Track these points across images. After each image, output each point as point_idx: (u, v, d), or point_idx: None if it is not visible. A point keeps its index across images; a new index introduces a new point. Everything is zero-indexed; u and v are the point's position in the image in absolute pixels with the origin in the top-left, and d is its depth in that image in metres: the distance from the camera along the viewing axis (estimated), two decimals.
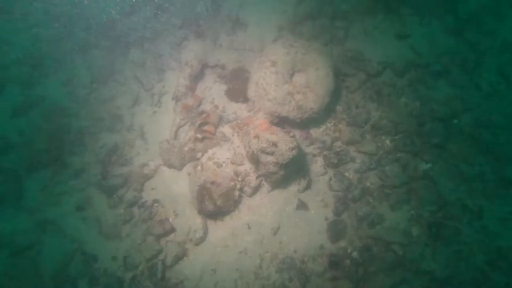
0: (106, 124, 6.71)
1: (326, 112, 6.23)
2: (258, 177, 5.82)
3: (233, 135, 6.19)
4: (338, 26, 6.82)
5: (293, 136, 5.62)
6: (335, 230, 5.80)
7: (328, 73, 5.90)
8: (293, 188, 6.01)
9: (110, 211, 6.13)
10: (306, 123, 6.10)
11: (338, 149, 6.24)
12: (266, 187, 5.99)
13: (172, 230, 5.83)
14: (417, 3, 6.73)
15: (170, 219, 5.92)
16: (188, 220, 5.85)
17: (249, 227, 5.81)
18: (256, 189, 5.92)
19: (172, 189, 6.09)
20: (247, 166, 5.82)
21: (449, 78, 6.38)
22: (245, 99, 6.23)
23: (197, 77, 6.46)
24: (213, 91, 6.55)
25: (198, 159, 6.05)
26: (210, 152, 6.02)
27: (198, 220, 5.80)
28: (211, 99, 6.46)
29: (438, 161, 5.95)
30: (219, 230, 5.83)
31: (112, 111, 6.78)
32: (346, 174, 6.18)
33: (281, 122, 5.95)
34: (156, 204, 6.05)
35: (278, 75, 5.72)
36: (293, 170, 5.89)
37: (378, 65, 6.50)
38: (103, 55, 7.13)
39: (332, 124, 6.41)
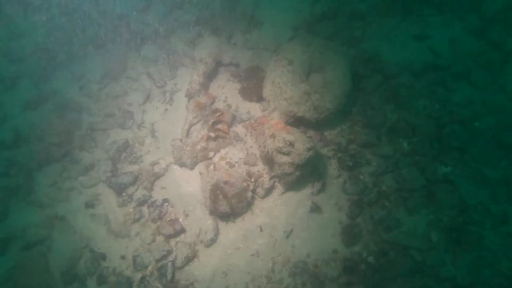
0: (117, 120, 6.63)
1: (341, 114, 6.10)
2: (271, 178, 5.69)
3: (246, 135, 6.09)
4: (355, 26, 6.69)
5: (310, 137, 5.48)
6: (350, 234, 5.64)
7: (345, 74, 5.77)
8: (307, 190, 5.87)
9: (119, 209, 6.04)
10: (321, 124, 5.96)
11: (353, 152, 6.08)
12: (279, 188, 5.86)
13: (182, 230, 5.71)
14: (438, 2, 6.56)
15: (180, 220, 5.80)
16: (199, 221, 5.74)
17: (261, 230, 5.68)
18: (269, 191, 5.79)
19: (183, 189, 5.98)
20: (260, 167, 5.71)
21: (470, 79, 6.19)
22: (259, 99, 6.12)
23: (210, 75, 6.36)
24: (226, 90, 6.44)
25: (211, 158, 5.95)
26: (222, 151, 5.92)
27: (209, 221, 5.68)
28: (224, 98, 6.36)
29: (458, 164, 5.74)
30: (230, 232, 5.70)
31: (123, 107, 6.71)
32: (361, 177, 6.00)
33: (296, 122, 5.81)
34: (166, 204, 5.94)
35: (295, 74, 5.59)
36: (308, 172, 5.74)
37: (395, 66, 6.35)
38: (116, 50, 7.06)
39: (347, 126, 6.26)
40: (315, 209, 5.80)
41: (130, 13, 7.14)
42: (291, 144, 5.03)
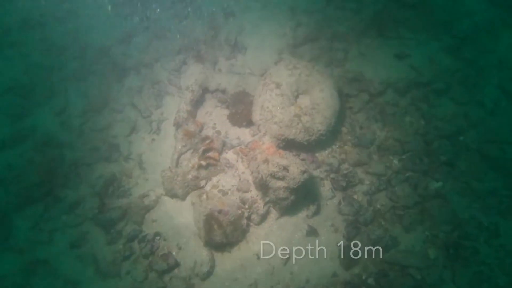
0: (102, 154, 6.42)
1: (331, 134, 6.14)
2: (266, 203, 5.60)
3: (237, 161, 6.02)
4: (337, 48, 6.88)
5: (303, 159, 5.46)
6: (348, 256, 5.56)
7: (333, 94, 5.86)
8: (302, 214, 5.80)
9: (108, 247, 5.75)
10: (311, 146, 5.98)
11: (345, 171, 6.10)
12: (274, 214, 5.77)
13: (176, 264, 5.47)
14: (413, 24, 6.87)
15: (174, 253, 5.57)
16: (193, 253, 5.52)
17: (258, 258, 5.52)
18: (264, 217, 5.68)
19: (175, 221, 5.78)
20: (253, 193, 5.62)
21: (451, 95, 6.43)
22: (249, 124, 6.10)
23: (198, 102, 6.32)
24: (214, 116, 6.40)
25: (202, 187, 5.81)
26: (214, 179, 5.82)
27: (204, 253, 5.48)
28: (213, 125, 6.29)
29: (448, 179, 5.87)
30: (227, 262, 5.51)
31: (108, 140, 6.53)
32: (355, 196, 6.02)
33: (287, 145, 5.81)
34: (158, 238, 5.70)
35: (284, 97, 5.63)
36: (302, 195, 5.69)
37: (380, 85, 6.53)
38: (97, 83, 6.93)
39: (337, 146, 6.31)
40: (312, 232, 5.71)
41: (111, 44, 7.08)
42: (285, 169, 4.99)
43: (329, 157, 6.19)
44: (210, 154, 5.70)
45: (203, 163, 5.64)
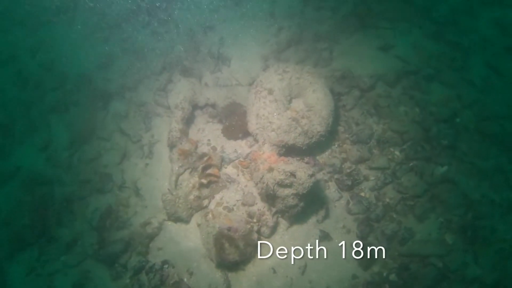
0: (95, 185, 6.15)
1: (328, 134, 6.05)
2: (274, 214, 5.42)
3: (238, 175, 5.85)
4: (321, 48, 6.85)
5: (308, 163, 5.33)
6: (365, 256, 5.42)
7: (326, 93, 5.79)
8: (312, 220, 5.66)
9: (114, 284, 5.46)
10: (311, 149, 5.86)
11: (349, 170, 6.00)
12: (283, 223, 5.60)
13: None
14: (392, 15, 6.92)
15: (185, 279, 5.32)
16: (206, 276, 5.29)
17: (274, 271, 5.32)
18: (274, 228, 5.50)
19: (182, 245, 5.54)
20: (259, 205, 5.45)
21: (441, 79, 6.47)
22: (245, 135, 5.95)
23: (188, 120, 6.13)
24: (207, 132, 6.22)
25: (206, 206, 5.60)
26: (217, 197, 5.62)
27: (217, 275, 5.25)
28: (207, 141, 6.10)
29: (453, 162, 5.84)
30: (243, 281, 5.29)
31: (99, 171, 6.25)
32: (362, 194, 5.92)
33: (288, 151, 5.67)
34: (166, 266, 5.44)
35: (278, 102, 5.52)
36: (309, 200, 5.54)
37: (369, 79, 6.50)
38: (81, 112, 6.66)
39: (336, 146, 6.23)
40: (324, 237, 5.57)
41: (90, 70, 6.85)
42: (292, 174, 4.84)
43: (330, 158, 6.09)
44: (210, 171, 5.50)
45: (204, 181, 5.44)
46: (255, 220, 5.36)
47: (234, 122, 5.86)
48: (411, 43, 6.74)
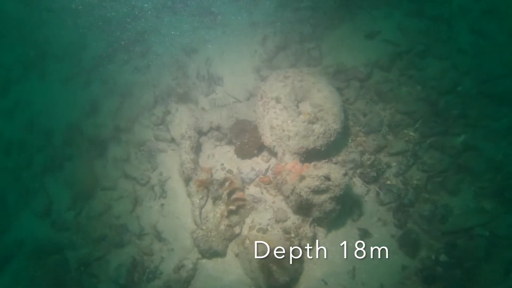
0: (111, 240, 5.72)
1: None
2: (311, 224, 5.20)
3: (262, 193, 5.61)
4: (309, 47, 6.80)
5: (336, 163, 5.16)
6: (409, 243, 5.30)
7: (331, 90, 5.70)
8: (347, 220, 5.54)
9: None
10: (329, 149, 5.72)
11: (369, 162, 5.91)
12: (321, 231, 5.41)
13: None
14: (369, 2, 7.00)
15: None
16: None
17: (325, 283, 5.09)
18: (313, 238, 5.28)
19: (224, 281, 5.19)
20: (293, 218, 5.24)
21: (433, 53, 6.56)
22: (259, 150, 5.73)
23: (196, 149, 5.82)
24: (218, 157, 5.97)
25: (239, 234, 5.29)
26: (248, 221, 5.36)
27: None
28: (220, 165, 5.84)
29: (468, 130, 5.87)
30: None
31: (112, 224, 5.81)
32: (388, 182, 5.84)
33: (307, 157, 5.49)
34: None
35: (288, 109, 5.36)
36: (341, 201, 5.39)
37: (365, 68, 6.50)
38: (77, 166, 6.19)
39: (350, 140, 6.13)
40: (364, 234, 5.43)
41: (78, 119, 6.42)
42: (327, 178, 4.65)
43: (348, 154, 5.99)
44: (236, 195, 5.21)
45: (233, 207, 5.14)
46: (293, 235, 5.13)
47: (246, 140, 5.63)
48: (395, 25, 6.82)
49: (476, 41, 6.61)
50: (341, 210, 5.38)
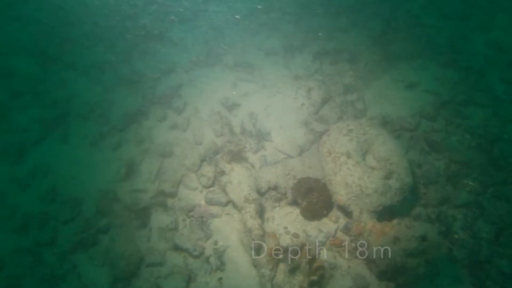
0: None
1: None
2: None
3: (335, 257, 5.11)
4: (353, 99, 6.75)
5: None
6: None
7: (395, 142, 5.55)
8: (423, 282, 5.04)
9: None
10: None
11: (434, 216, 5.64)
12: None
13: None
14: (406, 54, 7.22)
15: None
16: None
17: None
18: None
19: None
20: (374, 284, 4.74)
21: (474, 102, 6.70)
22: (328, 211, 5.30)
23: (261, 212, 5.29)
24: (278, 219, 5.45)
25: None
26: None
27: None
28: (284, 229, 5.31)
29: None
30: None
31: None
32: (456, 236, 5.56)
33: (382, 215, 5.13)
34: None
35: (361, 164, 5.10)
36: None
37: (412, 119, 6.48)
38: (115, 240, 5.34)
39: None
40: None
41: (112, 186, 5.67)
42: (424, 239, 4.31)
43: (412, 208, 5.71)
44: (315, 264, 4.67)
45: (315, 278, 4.57)
46: None
47: (315, 199, 5.20)
48: (432, 76, 7.02)
49: (508, 89, 6.90)
50: None
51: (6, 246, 5.43)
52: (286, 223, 5.42)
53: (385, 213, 5.19)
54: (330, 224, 5.37)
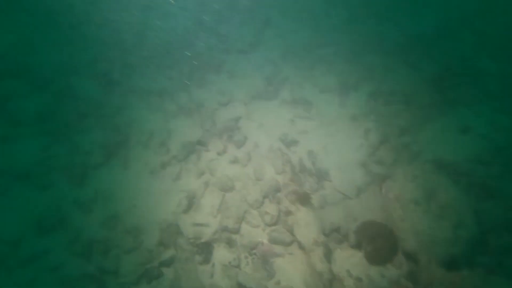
0: None
1: None
2: None
3: None
4: (407, 142, 6.80)
5: None
6: None
7: (457, 190, 5.57)
8: None
9: None
10: None
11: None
12: None
13: None
14: (462, 98, 7.31)
15: None
16: None
17: None
18: None
19: None
20: None
21: None
22: (393, 257, 5.32)
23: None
24: (340, 262, 5.44)
25: None
26: None
27: None
28: (346, 272, 5.32)
29: None
30: None
31: None
32: None
33: (453, 264, 5.14)
34: None
35: (429, 212, 5.13)
36: None
37: (468, 164, 6.51)
38: (178, 275, 5.36)
39: None
40: None
41: (174, 217, 5.72)
42: None
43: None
44: None
45: None
46: None
47: (381, 244, 5.24)
48: (486, 121, 7.07)
49: None
50: None
51: (72, 272, 5.49)
52: (348, 266, 5.44)
53: (453, 263, 5.21)
54: (393, 269, 5.38)
